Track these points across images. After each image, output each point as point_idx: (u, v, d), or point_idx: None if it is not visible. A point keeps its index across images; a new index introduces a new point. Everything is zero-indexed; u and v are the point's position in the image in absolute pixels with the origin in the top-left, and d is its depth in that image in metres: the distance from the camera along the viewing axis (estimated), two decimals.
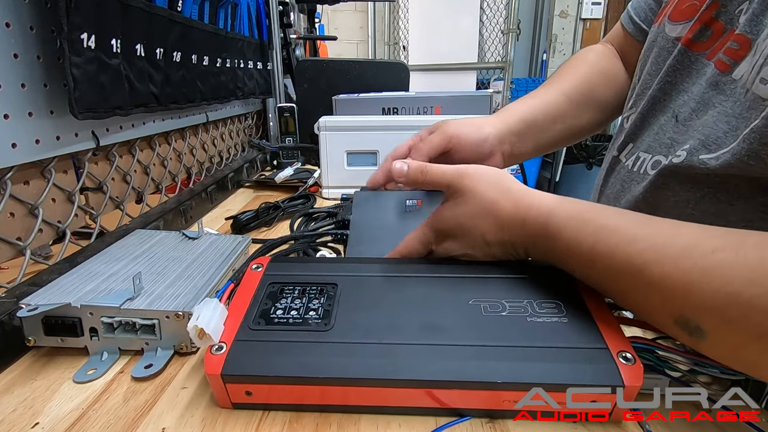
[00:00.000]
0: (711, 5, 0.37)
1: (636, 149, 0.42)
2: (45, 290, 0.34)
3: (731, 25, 0.35)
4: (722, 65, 0.34)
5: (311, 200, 0.71)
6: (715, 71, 0.35)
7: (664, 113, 0.40)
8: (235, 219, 0.60)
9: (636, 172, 0.41)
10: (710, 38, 0.37)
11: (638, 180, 0.40)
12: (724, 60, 0.34)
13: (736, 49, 0.33)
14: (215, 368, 0.27)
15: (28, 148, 0.41)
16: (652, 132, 0.41)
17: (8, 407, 0.29)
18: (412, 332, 0.29)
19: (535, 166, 2.90)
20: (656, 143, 0.39)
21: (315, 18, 1.66)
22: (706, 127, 0.34)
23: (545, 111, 0.50)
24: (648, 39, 0.46)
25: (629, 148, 0.43)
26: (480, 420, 0.27)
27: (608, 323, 0.29)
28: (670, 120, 0.39)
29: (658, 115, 0.40)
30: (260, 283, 0.34)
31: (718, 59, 0.35)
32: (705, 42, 0.37)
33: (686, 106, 0.37)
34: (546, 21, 3.07)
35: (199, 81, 0.71)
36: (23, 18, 0.40)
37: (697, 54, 0.37)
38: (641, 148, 0.41)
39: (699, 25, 0.37)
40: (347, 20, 2.91)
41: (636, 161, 0.41)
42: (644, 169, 0.40)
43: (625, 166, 0.43)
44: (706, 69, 0.36)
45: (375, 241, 0.44)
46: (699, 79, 0.37)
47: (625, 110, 0.48)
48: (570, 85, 0.52)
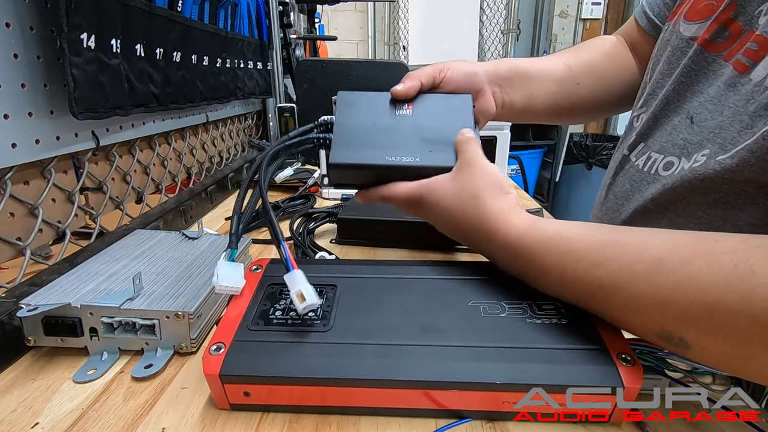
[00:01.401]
0: (729, 5, 0.36)
1: (647, 149, 0.41)
2: (45, 290, 0.34)
3: (750, 26, 0.34)
4: (741, 66, 0.34)
5: (311, 200, 0.71)
6: (733, 72, 0.34)
7: (677, 114, 0.39)
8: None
9: (647, 172, 0.40)
10: (728, 39, 0.36)
11: (649, 180, 0.40)
12: (743, 61, 0.33)
13: (756, 50, 0.32)
14: (213, 369, 0.27)
15: (28, 148, 0.41)
16: (665, 132, 0.40)
17: (8, 407, 0.29)
18: (411, 333, 0.29)
19: (535, 167, 2.90)
20: (669, 144, 0.39)
21: (315, 18, 1.66)
22: (723, 129, 0.33)
23: (539, 68, 0.50)
24: (661, 37, 0.45)
25: (640, 148, 0.43)
26: (480, 421, 0.27)
27: (607, 324, 0.28)
28: (684, 121, 0.38)
29: (672, 115, 0.40)
30: (259, 284, 0.34)
31: (737, 60, 0.34)
32: (723, 43, 0.36)
33: (702, 108, 0.36)
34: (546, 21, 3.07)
35: (199, 81, 0.71)
36: (23, 18, 0.40)
37: (714, 55, 0.37)
38: (653, 148, 0.41)
39: (716, 25, 0.37)
40: (347, 20, 2.90)
41: (647, 161, 0.41)
42: (655, 169, 0.39)
43: (635, 166, 0.42)
44: (723, 70, 0.35)
45: (363, 144, 0.39)
46: (716, 81, 0.36)
47: (635, 109, 0.47)
48: (569, 56, 0.52)
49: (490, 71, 0.48)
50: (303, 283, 0.29)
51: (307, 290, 0.28)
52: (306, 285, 0.29)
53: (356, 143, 0.39)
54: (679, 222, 0.36)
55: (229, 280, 0.30)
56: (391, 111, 0.42)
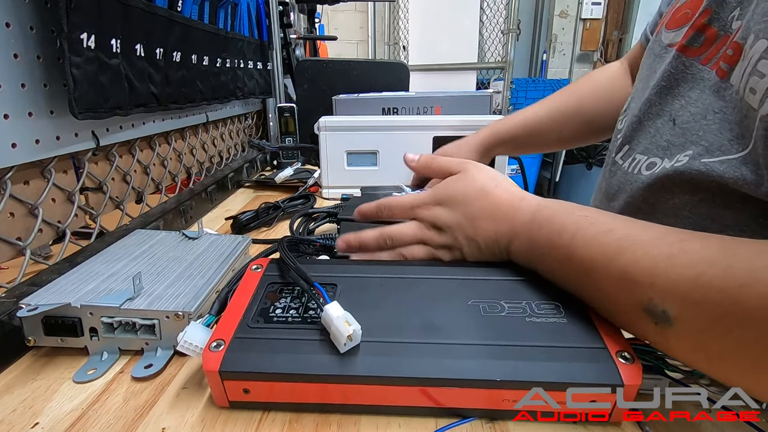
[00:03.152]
0: (704, 12, 0.37)
1: (632, 151, 0.43)
2: (45, 290, 0.34)
3: (725, 31, 0.35)
4: (721, 72, 0.35)
5: (311, 200, 0.71)
6: (716, 79, 0.35)
7: (660, 116, 0.40)
8: (235, 219, 0.60)
9: (630, 173, 0.42)
10: (704, 44, 0.37)
11: (632, 181, 0.41)
12: (722, 66, 0.34)
13: (731, 55, 0.34)
14: (213, 365, 0.27)
15: (28, 148, 0.41)
16: (648, 135, 0.41)
17: (8, 407, 0.29)
18: (410, 331, 0.29)
19: (535, 167, 2.90)
20: (653, 146, 0.40)
21: (315, 18, 1.66)
22: (709, 133, 0.34)
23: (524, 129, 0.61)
24: (647, 48, 0.47)
25: (625, 150, 0.44)
26: (480, 421, 0.27)
27: (607, 323, 0.29)
28: (666, 123, 0.39)
29: (654, 118, 0.41)
30: (259, 283, 0.34)
31: (718, 66, 0.35)
32: (699, 47, 0.37)
33: (684, 110, 0.37)
34: (546, 21, 3.07)
35: (199, 81, 0.71)
36: (23, 18, 0.40)
37: (691, 59, 0.38)
38: (637, 150, 0.42)
39: (692, 31, 0.38)
40: (347, 20, 2.91)
41: (631, 163, 0.42)
42: (638, 169, 0.40)
43: (622, 168, 0.44)
44: (704, 74, 0.36)
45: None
46: (697, 84, 0.37)
47: (620, 113, 0.48)
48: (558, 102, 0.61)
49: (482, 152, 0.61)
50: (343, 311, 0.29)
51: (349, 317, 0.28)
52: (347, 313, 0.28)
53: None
54: (668, 222, 0.37)
55: (196, 339, 0.29)
56: None
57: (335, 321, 0.27)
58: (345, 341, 0.27)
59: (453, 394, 0.27)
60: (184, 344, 0.29)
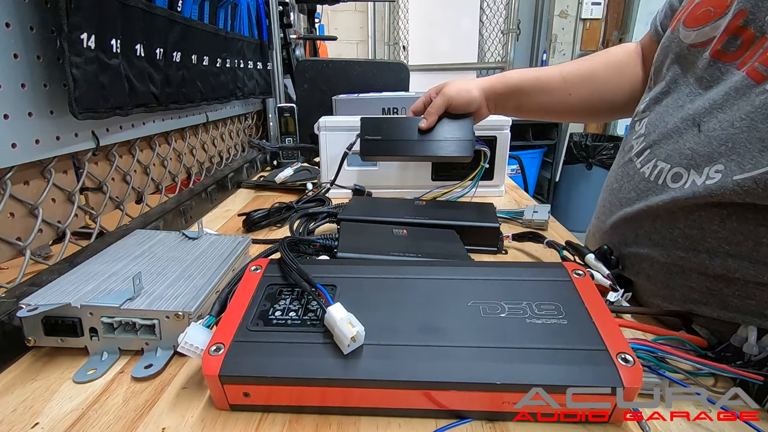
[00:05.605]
0: (738, 14, 0.36)
1: (653, 156, 0.41)
2: (45, 290, 0.34)
3: (762, 33, 0.34)
4: (757, 75, 0.33)
5: (326, 203, 0.69)
6: (746, 80, 0.34)
7: (684, 122, 0.39)
8: (248, 216, 0.62)
9: (654, 182, 0.40)
10: (740, 48, 0.36)
11: (657, 191, 0.39)
12: (761, 70, 0.33)
13: None
14: (213, 369, 0.27)
15: (28, 148, 0.41)
16: (671, 141, 0.39)
17: (8, 407, 0.29)
18: (410, 334, 0.29)
19: (535, 167, 2.89)
20: (676, 153, 0.38)
21: (315, 18, 1.66)
22: (738, 144, 0.32)
23: (534, 82, 0.61)
24: (661, 44, 0.46)
25: (646, 155, 0.42)
26: (480, 421, 0.27)
27: (607, 325, 0.29)
28: (691, 129, 0.37)
29: (678, 123, 0.39)
30: (259, 284, 0.34)
31: (753, 69, 0.33)
32: (735, 52, 0.36)
33: (709, 116, 0.36)
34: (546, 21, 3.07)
35: (199, 81, 0.71)
36: (23, 18, 0.40)
37: (727, 65, 0.36)
38: (660, 156, 0.40)
39: (727, 35, 0.36)
40: (347, 20, 2.90)
41: (653, 170, 0.40)
42: (663, 180, 0.39)
43: (641, 173, 0.42)
44: (737, 78, 0.35)
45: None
46: (728, 89, 0.35)
47: (637, 113, 0.47)
48: (572, 67, 0.61)
49: (487, 91, 0.63)
50: (346, 312, 0.29)
51: (352, 318, 0.28)
52: (350, 315, 0.28)
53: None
54: (692, 234, 0.36)
55: (197, 341, 0.29)
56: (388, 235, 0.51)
57: (339, 323, 0.27)
58: (349, 343, 0.27)
59: (453, 396, 0.27)
60: (184, 345, 0.29)
